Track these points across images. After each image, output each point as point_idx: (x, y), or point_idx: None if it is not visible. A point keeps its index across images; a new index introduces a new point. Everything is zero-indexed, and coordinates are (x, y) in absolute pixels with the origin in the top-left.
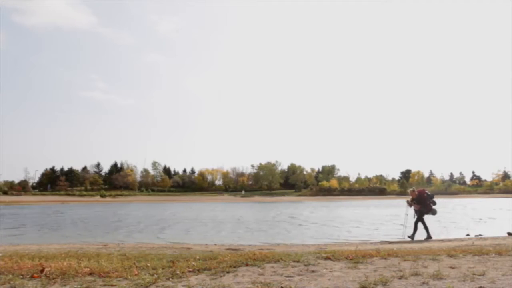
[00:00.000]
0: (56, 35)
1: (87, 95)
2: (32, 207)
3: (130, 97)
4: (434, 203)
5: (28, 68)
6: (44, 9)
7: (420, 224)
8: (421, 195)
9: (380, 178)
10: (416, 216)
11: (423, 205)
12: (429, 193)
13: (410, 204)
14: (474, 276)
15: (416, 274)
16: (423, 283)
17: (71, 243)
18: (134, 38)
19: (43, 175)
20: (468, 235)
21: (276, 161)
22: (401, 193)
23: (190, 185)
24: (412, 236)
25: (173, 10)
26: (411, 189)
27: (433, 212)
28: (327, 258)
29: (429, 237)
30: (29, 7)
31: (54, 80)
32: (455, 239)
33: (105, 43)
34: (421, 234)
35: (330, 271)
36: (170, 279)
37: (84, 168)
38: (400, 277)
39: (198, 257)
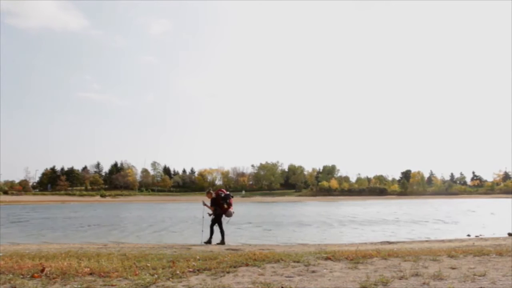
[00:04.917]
0: (49, 37)
1: (84, 96)
2: (24, 206)
3: (127, 98)
4: (229, 205)
5: (26, 69)
6: (36, 12)
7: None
8: (217, 196)
9: (380, 178)
10: (212, 219)
11: (218, 207)
12: (223, 194)
13: (207, 206)
14: (475, 276)
15: (416, 275)
16: (424, 283)
17: (71, 243)
18: (127, 40)
19: (43, 174)
20: (468, 235)
21: (277, 161)
22: (402, 194)
23: (190, 185)
24: (208, 241)
25: (163, 12)
26: (207, 190)
27: (228, 214)
28: (327, 259)
29: (222, 242)
30: (22, 10)
31: (51, 81)
32: (456, 240)
33: (98, 45)
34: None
35: (330, 272)
36: (170, 279)
37: (85, 168)
38: (401, 278)
39: (198, 257)
